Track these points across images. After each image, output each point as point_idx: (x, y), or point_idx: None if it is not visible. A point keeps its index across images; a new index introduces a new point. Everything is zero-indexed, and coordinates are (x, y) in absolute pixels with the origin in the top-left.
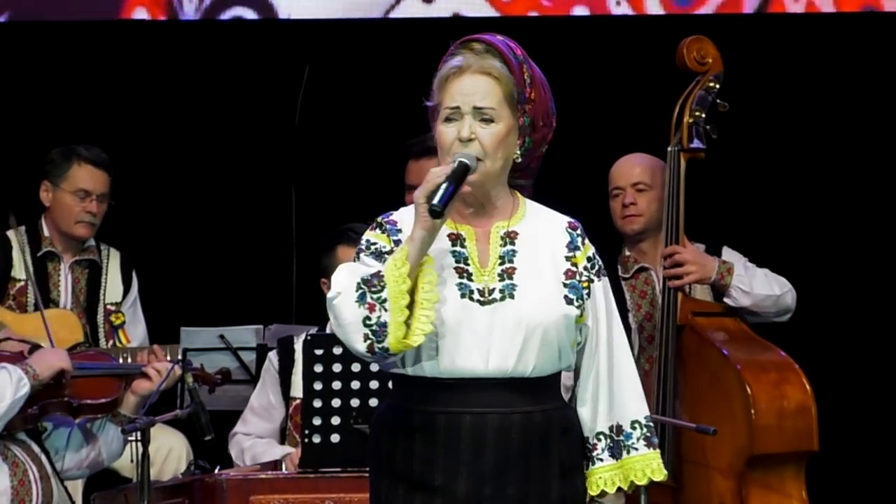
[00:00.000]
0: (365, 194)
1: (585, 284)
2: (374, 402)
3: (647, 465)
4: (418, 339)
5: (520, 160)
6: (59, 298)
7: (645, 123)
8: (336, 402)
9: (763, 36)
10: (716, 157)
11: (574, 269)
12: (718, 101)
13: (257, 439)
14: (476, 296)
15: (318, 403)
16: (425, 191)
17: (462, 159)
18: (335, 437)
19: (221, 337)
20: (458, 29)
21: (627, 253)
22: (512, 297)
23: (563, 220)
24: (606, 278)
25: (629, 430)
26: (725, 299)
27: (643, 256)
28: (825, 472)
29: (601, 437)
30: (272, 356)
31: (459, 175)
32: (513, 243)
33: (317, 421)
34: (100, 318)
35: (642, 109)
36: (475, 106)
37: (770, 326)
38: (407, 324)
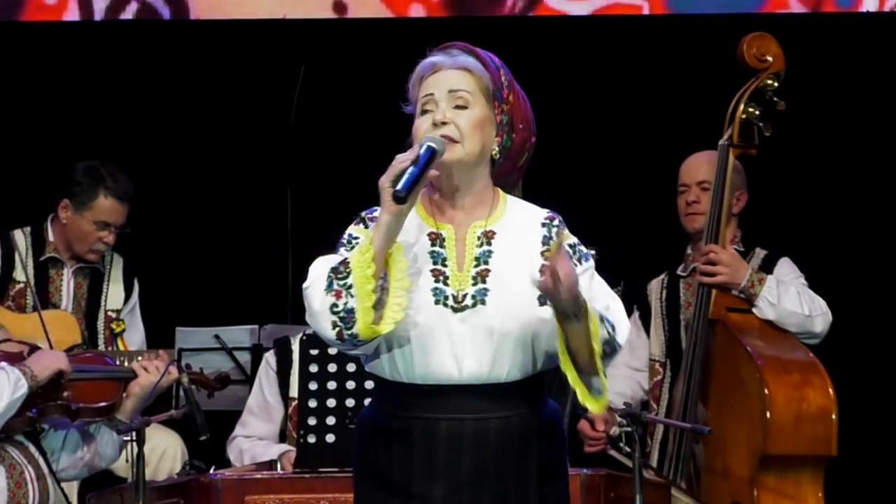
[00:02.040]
0: (360, 195)
1: None
2: (369, 401)
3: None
4: (388, 326)
5: (498, 157)
6: (60, 303)
7: (715, 122)
8: (331, 402)
9: (825, 35)
10: (787, 160)
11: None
12: (776, 98)
13: (257, 441)
14: (450, 301)
15: (313, 403)
16: (390, 175)
17: (429, 143)
18: (330, 438)
19: (217, 337)
20: (460, 28)
21: (688, 251)
22: (483, 303)
23: (541, 214)
24: (592, 263)
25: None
26: (753, 309)
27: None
28: (846, 478)
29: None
30: (269, 356)
31: (425, 161)
32: (489, 243)
33: (312, 421)
34: (100, 324)
35: (716, 107)
36: (449, 90)
37: None
38: (375, 309)
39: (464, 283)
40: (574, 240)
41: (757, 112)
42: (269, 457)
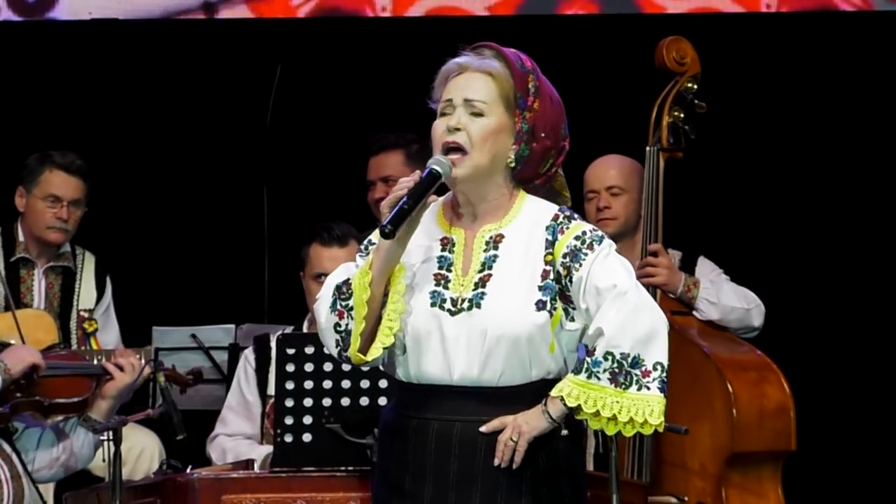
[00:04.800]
0: (336, 193)
1: (565, 273)
2: (346, 401)
3: (650, 406)
4: (377, 352)
5: (514, 165)
6: (31, 303)
7: (621, 124)
8: (308, 402)
9: (740, 36)
10: (693, 161)
11: (549, 267)
12: (696, 101)
13: (240, 440)
14: (448, 305)
15: (290, 402)
16: (389, 201)
17: (434, 166)
18: (307, 437)
19: (193, 336)
20: (432, 30)
21: None
22: (479, 306)
23: (551, 212)
24: (605, 245)
25: (649, 368)
26: (694, 312)
27: None
28: (801, 472)
29: (609, 356)
30: (248, 354)
31: (425, 186)
32: (496, 248)
33: (289, 420)
34: (73, 324)
35: (618, 110)
36: (465, 98)
37: None
38: (362, 335)
39: (466, 287)
40: (585, 227)
41: (682, 115)
42: (254, 456)
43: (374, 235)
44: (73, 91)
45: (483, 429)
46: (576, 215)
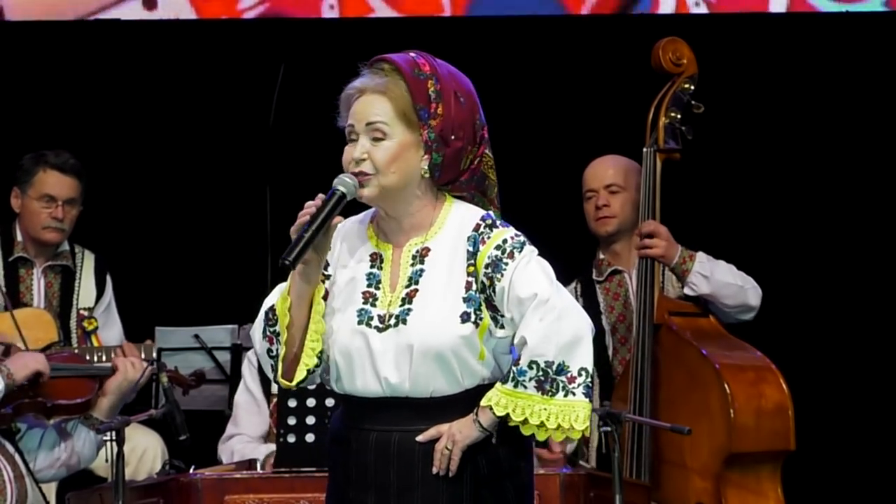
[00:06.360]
0: None
1: (488, 283)
2: None
3: (576, 411)
4: (300, 374)
5: (428, 175)
6: (31, 303)
7: (619, 124)
8: (311, 402)
9: (736, 37)
10: (690, 162)
11: (471, 278)
12: (693, 102)
13: (250, 444)
14: (375, 322)
15: (292, 403)
16: (295, 226)
17: (338, 187)
18: (310, 437)
19: (196, 337)
20: (438, 28)
21: (601, 256)
22: (405, 322)
23: (473, 221)
24: (525, 252)
25: (574, 374)
26: (685, 289)
27: (616, 258)
28: (801, 472)
29: (534, 365)
30: (251, 355)
31: (330, 209)
32: (422, 262)
33: (291, 420)
34: (72, 323)
35: (616, 110)
36: (367, 122)
37: (745, 327)
38: (284, 360)
39: (393, 303)
40: (506, 235)
41: (678, 116)
42: (258, 456)
43: None
44: (76, 91)
45: (420, 438)
46: (497, 222)
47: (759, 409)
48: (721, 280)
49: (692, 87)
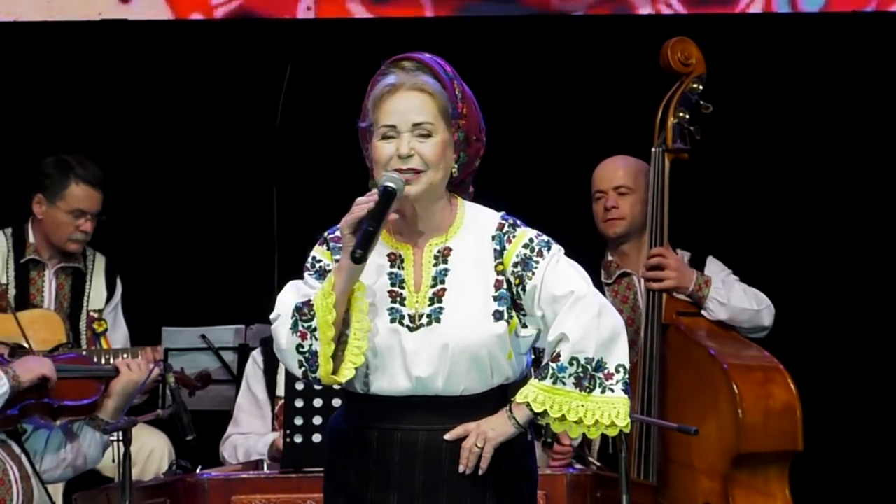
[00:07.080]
0: (346, 194)
1: (517, 282)
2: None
3: (616, 407)
4: (349, 372)
5: (456, 174)
6: (42, 304)
7: (627, 124)
8: (318, 402)
9: (745, 37)
10: (702, 162)
11: (501, 277)
12: (702, 102)
13: (251, 437)
14: (406, 321)
15: (299, 403)
16: (349, 222)
17: (388, 183)
18: (317, 437)
19: (203, 337)
20: (435, 31)
21: (610, 258)
22: (438, 321)
23: (494, 221)
24: (554, 251)
25: (612, 371)
26: (703, 312)
27: (625, 260)
28: (810, 472)
29: (574, 361)
30: (256, 355)
31: (383, 205)
32: (445, 261)
33: (298, 421)
34: (82, 324)
35: (625, 110)
36: (414, 122)
37: None
38: (334, 357)
39: (421, 303)
40: (531, 234)
41: (687, 116)
42: (264, 447)
43: (318, 252)
44: (83, 92)
45: (448, 436)
46: (519, 222)
47: (767, 409)
48: (737, 306)
49: (701, 87)
